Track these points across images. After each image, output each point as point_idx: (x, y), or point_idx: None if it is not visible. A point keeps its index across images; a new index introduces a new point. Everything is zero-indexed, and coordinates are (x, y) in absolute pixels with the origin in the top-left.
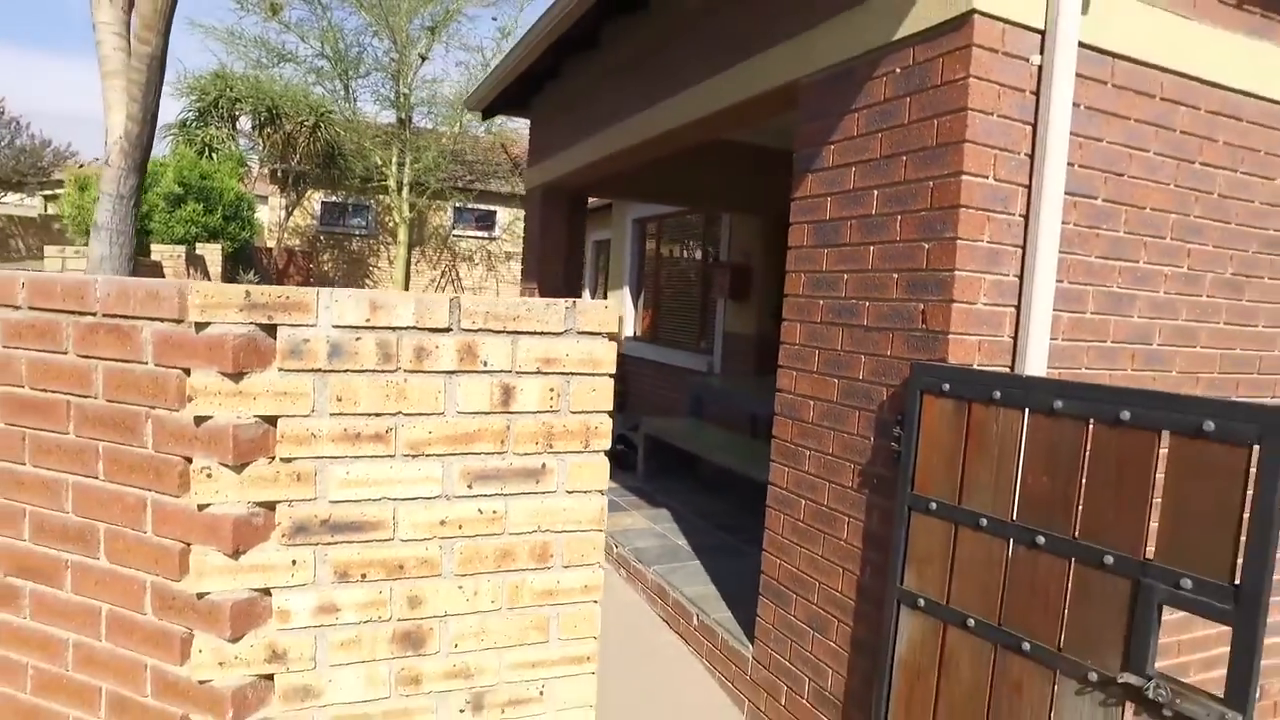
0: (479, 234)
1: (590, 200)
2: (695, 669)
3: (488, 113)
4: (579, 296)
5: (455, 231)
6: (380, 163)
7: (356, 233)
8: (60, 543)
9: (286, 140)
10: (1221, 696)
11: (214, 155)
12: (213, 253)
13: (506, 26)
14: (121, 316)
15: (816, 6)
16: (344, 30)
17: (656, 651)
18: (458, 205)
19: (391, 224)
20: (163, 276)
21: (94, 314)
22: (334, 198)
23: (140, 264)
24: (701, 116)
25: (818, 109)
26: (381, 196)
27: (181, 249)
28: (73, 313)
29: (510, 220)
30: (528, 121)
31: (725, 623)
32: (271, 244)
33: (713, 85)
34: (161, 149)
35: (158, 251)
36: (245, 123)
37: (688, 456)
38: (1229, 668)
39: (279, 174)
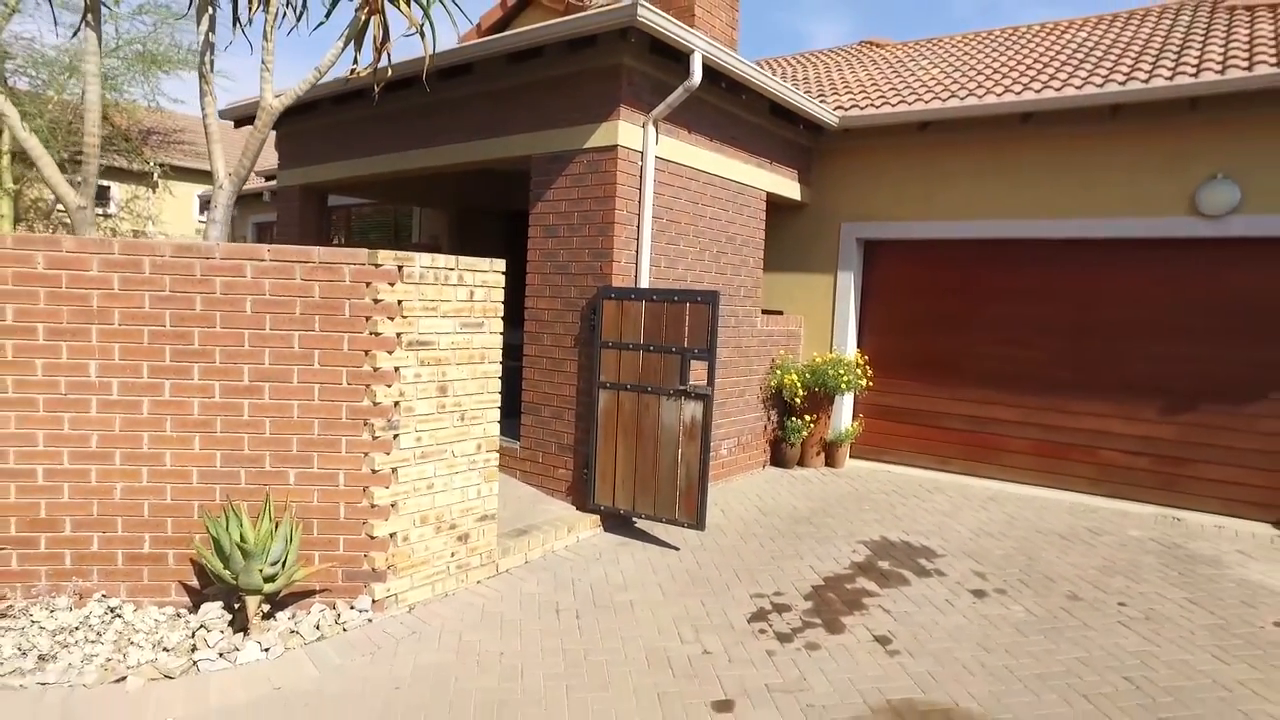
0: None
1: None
2: None
3: (239, 123)
4: None
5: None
6: None
7: None
8: (288, 361)
9: None
10: (704, 384)
11: None
12: None
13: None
14: (331, 263)
15: (547, 120)
16: None
17: None
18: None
19: None
20: None
21: (314, 262)
22: None
23: None
24: (476, 160)
25: (544, 170)
26: None
27: None
28: (302, 262)
29: (129, 198)
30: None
31: None
32: None
33: (482, 144)
34: None
35: None
36: None
37: None
38: (707, 377)
39: None
